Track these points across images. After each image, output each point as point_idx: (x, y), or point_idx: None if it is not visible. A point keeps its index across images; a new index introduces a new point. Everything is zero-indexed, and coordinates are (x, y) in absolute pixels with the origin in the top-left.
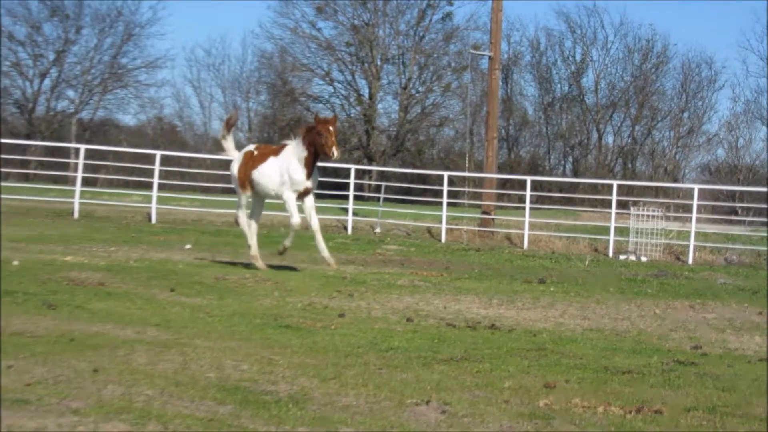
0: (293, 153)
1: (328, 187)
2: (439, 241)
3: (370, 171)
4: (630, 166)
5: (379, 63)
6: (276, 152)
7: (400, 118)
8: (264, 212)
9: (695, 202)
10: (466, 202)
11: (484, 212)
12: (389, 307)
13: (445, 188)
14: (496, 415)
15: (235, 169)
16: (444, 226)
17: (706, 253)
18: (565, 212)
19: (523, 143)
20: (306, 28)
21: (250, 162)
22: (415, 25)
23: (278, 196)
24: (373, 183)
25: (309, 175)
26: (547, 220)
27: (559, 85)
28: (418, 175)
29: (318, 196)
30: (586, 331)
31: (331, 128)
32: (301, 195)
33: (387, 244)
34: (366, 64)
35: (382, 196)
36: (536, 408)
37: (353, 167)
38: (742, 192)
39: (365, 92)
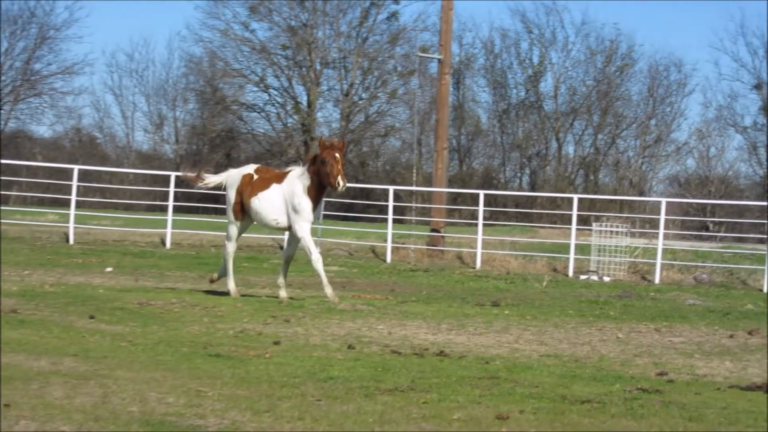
0: (299, 179)
1: None
2: (384, 261)
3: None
4: (592, 178)
5: (318, 67)
6: (279, 178)
7: (342, 128)
8: (199, 232)
9: (663, 217)
10: (413, 218)
11: (433, 229)
12: (329, 334)
13: (391, 204)
14: None
15: (232, 194)
16: (389, 244)
17: (674, 271)
18: (521, 229)
19: (476, 154)
20: (238, 29)
21: (249, 187)
22: (358, 26)
23: (278, 228)
24: None
25: (315, 206)
26: (502, 238)
27: (515, 91)
28: (362, 189)
29: None
30: (543, 357)
31: (337, 155)
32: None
33: (327, 264)
34: (304, 69)
35: (321, 212)
36: None
37: None
38: (713, 205)
39: (303, 99)
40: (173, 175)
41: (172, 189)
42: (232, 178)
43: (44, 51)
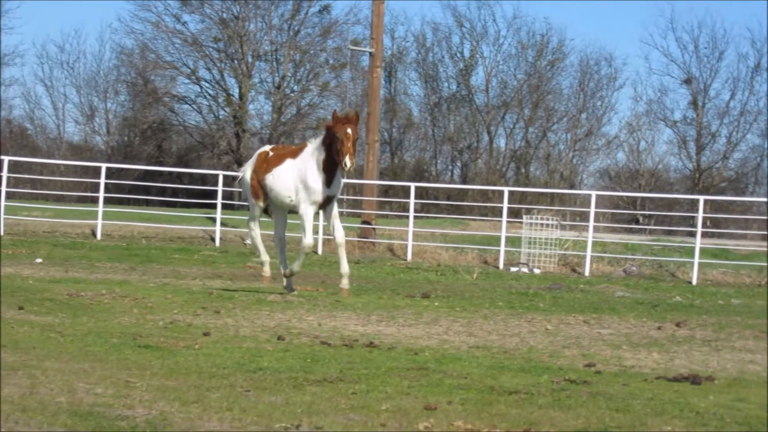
0: (312, 155)
1: (194, 195)
2: (316, 253)
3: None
4: (523, 171)
5: (250, 60)
6: (294, 153)
7: (274, 120)
8: (129, 223)
9: (592, 210)
10: (344, 210)
11: (364, 221)
12: (259, 325)
13: None
14: None
15: (248, 174)
16: (321, 236)
17: (603, 264)
18: (452, 221)
19: (408, 147)
20: (169, 22)
21: (264, 165)
22: (290, 19)
23: (294, 207)
24: None
25: (329, 182)
26: (433, 230)
27: (446, 84)
28: None
29: (183, 205)
30: (472, 348)
31: (349, 131)
32: (322, 204)
33: (258, 256)
34: (236, 62)
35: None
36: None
37: (221, 173)
38: (643, 198)
39: (235, 92)
40: (104, 166)
41: (102, 180)
42: (248, 163)
43: None
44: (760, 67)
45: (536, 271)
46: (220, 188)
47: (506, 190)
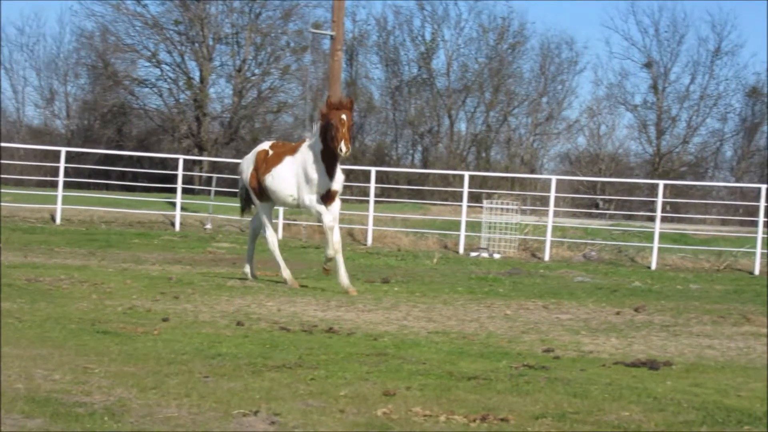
0: (310, 147)
1: (154, 179)
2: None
3: (200, 162)
4: (484, 155)
5: (211, 43)
6: (293, 150)
7: (234, 104)
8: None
9: (552, 195)
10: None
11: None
12: (218, 310)
13: None
14: (330, 426)
15: (247, 174)
16: (281, 221)
17: (563, 249)
18: (413, 206)
19: (369, 131)
20: (130, 4)
21: (263, 165)
22: (251, 2)
23: (298, 206)
24: (204, 175)
25: (331, 173)
26: (394, 215)
27: (407, 68)
28: None
29: (144, 189)
30: (431, 334)
31: (344, 117)
32: (324, 199)
33: (218, 241)
34: (197, 45)
35: (213, 189)
36: (374, 417)
37: (182, 157)
38: (603, 183)
39: (196, 75)
40: (64, 150)
41: (62, 165)
42: (247, 161)
43: None
44: (720, 51)
45: (496, 256)
46: (180, 172)
47: (467, 174)
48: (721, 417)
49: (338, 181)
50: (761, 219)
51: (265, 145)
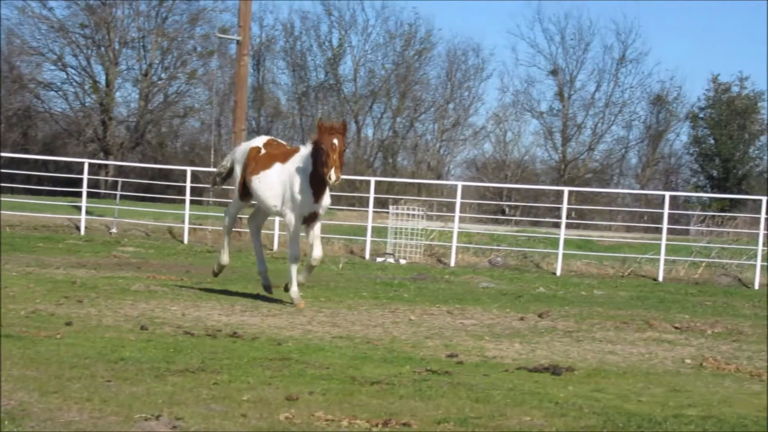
0: (301, 163)
1: (59, 183)
2: (182, 242)
3: (106, 166)
4: (391, 161)
5: (117, 47)
6: (285, 157)
7: (141, 108)
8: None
9: (458, 200)
10: (211, 199)
11: None
12: (122, 314)
13: (189, 185)
14: (232, 431)
15: (238, 170)
16: (186, 226)
17: (469, 255)
18: None
19: (276, 136)
20: (36, 7)
21: (253, 163)
22: (158, 6)
23: (278, 214)
24: (110, 179)
25: (318, 197)
26: None
27: (314, 73)
28: (160, 170)
29: (49, 193)
30: (336, 338)
31: (335, 142)
32: (307, 220)
33: (123, 245)
34: (103, 48)
35: (119, 193)
36: (276, 422)
37: (87, 161)
38: (509, 189)
39: (102, 79)
40: None
41: None
42: (240, 152)
43: None
44: (625, 59)
45: (402, 261)
46: (85, 176)
47: (372, 180)
48: (622, 422)
49: (324, 206)
50: (665, 226)
51: (259, 142)
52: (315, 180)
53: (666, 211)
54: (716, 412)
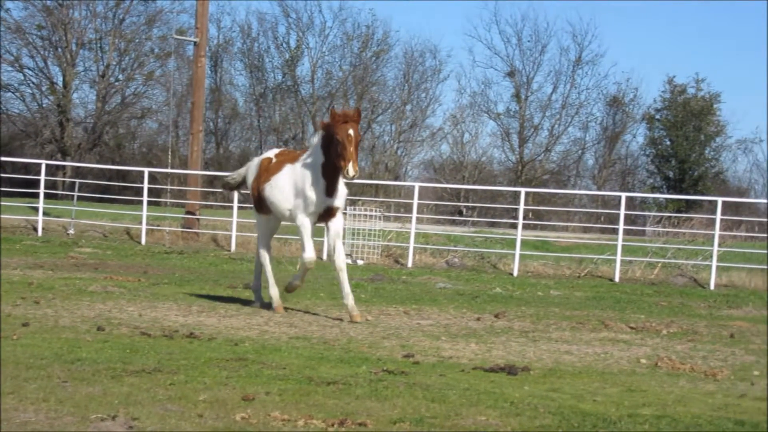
0: (311, 157)
1: (16, 184)
2: (139, 243)
3: (64, 167)
4: None
5: (74, 48)
6: (295, 158)
7: (98, 109)
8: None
9: (416, 201)
10: (168, 200)
11: (188, 212)
12: (79, 315)
13: (146, 186)
14: (189, 431)
15: (249, 182)
16: (144, 226)
17: (426, 255)
18: None
19: (233, 137)
20: None
21: (265, 174)
22: (115, 7)
23: (293, 218)
24: (67, 180)
25: (331, 191)
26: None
27: (272, 74)
28: (117, 171)
29: (6, 194)
30: (292, 339)
31: (351, 132)
32: (324, 217)
33: (81, 246)
34: (60, 50)
35: (76, 194)
36: (232, 422)
37: (44, 163)
38: (467, 190)
39: (59, 80)
40: None
41: None
42: (253, 165)
43: None
44: (581, 61)
45: (360, 262)
46: (42, 177)
47: None
48: (577, 421)
49: (340, 197)
50: (621, 227)
51: (271, 153)
52: (327, 171)
53: (622, 212)
54: (671, 412)
